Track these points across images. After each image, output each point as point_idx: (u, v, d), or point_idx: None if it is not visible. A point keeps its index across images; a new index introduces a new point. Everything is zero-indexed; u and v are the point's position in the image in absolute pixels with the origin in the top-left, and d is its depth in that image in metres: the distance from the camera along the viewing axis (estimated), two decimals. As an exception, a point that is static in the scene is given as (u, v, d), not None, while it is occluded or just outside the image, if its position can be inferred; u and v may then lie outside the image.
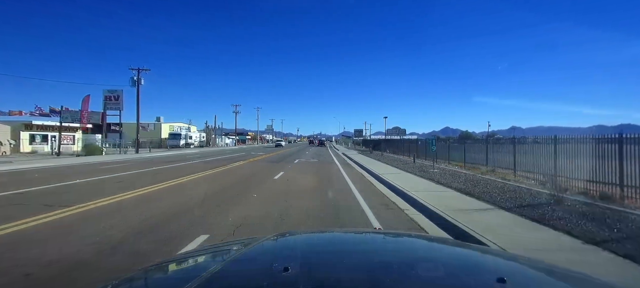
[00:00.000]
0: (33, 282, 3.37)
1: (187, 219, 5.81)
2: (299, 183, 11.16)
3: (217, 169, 15.55)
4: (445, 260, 1.34)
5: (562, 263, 1.60)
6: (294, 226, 5.51)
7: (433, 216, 6.02)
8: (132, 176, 12.93)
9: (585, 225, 4.86)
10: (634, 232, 4.56)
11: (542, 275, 1.25)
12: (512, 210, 6.05)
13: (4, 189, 9.07)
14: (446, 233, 5.10)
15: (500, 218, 5.56)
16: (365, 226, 5.57)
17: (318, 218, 6.07)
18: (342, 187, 10.33)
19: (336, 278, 1.07)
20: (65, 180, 11.39)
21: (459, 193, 8.15)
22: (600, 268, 3.33)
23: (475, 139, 23.59)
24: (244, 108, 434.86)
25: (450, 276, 1.10)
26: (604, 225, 4.84)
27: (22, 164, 17.30)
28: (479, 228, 4.80)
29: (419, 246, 1.70)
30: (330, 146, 66.22)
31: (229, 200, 8.02)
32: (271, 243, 1.54)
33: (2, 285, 3.35)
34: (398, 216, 6.40)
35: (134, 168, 15.70)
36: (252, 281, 1.10)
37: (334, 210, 6.83)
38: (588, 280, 1.19)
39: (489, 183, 9.89)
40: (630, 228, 4.76)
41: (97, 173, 13.38)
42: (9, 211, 6.39)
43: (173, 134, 51.70)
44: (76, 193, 8.69)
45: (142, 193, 8.60)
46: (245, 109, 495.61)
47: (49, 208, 6.48)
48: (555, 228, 4.74)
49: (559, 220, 5.11)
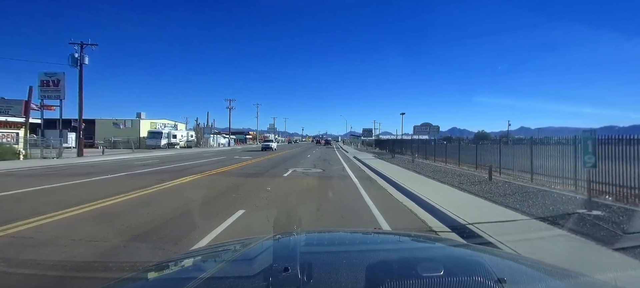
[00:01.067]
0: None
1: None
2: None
3: (119, 198, 8.01)
4: (445, 260, 1.31)
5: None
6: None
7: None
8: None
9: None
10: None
11: (542, 275, 1.25)
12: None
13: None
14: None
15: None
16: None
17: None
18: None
19: (336, 278, 1.05)
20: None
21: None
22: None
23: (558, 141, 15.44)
24: (245, 106, 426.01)
25: (450, 276, 1.07)
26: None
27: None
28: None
29: (419, 247, 1.70)
30: (337, 146, 58.39)
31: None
32: (271, 243, 1.51)
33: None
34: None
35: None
36: (252, 281, 1.10)
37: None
38: (588, 281, 1.21)
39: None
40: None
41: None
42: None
43: (153, 132, 43.99)
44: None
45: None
46: (246, 108, 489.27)
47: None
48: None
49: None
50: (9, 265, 3.75)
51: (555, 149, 9.78)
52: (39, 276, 3.50)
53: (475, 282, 1.06)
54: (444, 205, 6.48)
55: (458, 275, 1.13)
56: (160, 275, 1.34)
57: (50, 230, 5.01)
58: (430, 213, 6.43)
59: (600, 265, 3.55)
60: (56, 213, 5.99)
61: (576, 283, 1.18)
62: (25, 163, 17.73)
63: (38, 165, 16.30)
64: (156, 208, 6.68)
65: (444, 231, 5.28)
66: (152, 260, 3.76)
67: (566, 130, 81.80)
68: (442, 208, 6.30)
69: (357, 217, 6.20)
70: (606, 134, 8.05)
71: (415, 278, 1.04)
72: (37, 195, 8.10)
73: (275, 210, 6.70)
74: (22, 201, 7.29)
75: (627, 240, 4.30)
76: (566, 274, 1.26)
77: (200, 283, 1.02)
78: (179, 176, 12.12)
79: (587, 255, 3.82)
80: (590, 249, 4.02)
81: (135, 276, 1.32)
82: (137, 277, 1.31)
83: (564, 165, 9.14)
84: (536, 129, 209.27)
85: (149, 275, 1.33)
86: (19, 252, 4.14)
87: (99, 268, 3.68)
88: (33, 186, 9.48)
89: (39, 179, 11.10)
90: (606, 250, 3.93)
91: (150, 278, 1.30)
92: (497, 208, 6.53)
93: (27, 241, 4.50)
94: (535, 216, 5.75)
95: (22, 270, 3.63)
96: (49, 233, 4.83)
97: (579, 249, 4.03)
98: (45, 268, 3.69)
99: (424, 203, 7.19)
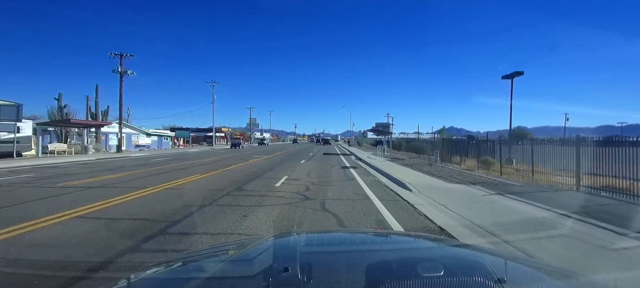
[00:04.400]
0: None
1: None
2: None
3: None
4: (445, 260, 1.29)
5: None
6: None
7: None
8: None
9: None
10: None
11: (542, 275, 1.24)
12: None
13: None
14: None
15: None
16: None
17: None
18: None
19: (336, 278, 1.05)
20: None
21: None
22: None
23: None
24: (230, 103, 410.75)
25: (450, 276, 1.06)
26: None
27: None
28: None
29: (419, 247, 1.69)
30: (341, 150, 41.28)
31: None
32: (271, 243, 1.52)
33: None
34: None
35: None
36: (252, 281, 1.10)
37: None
38: (588, 280, 1.22)
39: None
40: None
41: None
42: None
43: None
44: None
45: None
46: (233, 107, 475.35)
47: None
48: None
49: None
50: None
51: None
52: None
53: (475, 282, 1.06)
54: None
55: (458, 275, 1.12)
56: (160, 275, 1.34)
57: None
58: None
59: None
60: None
61: (576, 283, 1.18)
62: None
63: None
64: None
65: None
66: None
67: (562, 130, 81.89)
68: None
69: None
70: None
71: (415, 278, 1.04)
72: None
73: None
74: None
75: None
76: (566, 274, 1.25)
77: (200, 283, 1.02)
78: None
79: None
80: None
81: (135, 276, 1.33)
82: (136, 277, 1.32)
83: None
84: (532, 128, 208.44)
85: (149, 275, 1.33)
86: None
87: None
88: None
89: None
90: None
91: (150, 278, 1.30)
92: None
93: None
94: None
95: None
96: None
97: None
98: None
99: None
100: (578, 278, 1.21)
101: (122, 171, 13.26)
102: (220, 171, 13.75)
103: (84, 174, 12.36)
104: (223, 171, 13.77)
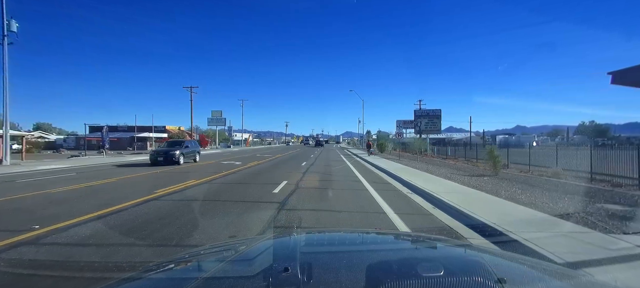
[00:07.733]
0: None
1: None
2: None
3: None
4: (445, 260, 1.31)
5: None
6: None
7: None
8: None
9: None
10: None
11: (542, 274, 1.24)
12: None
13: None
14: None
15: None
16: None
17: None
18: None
19: (336, 278, 1.05)
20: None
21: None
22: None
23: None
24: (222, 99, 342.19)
25: (450, 276, 1.06)
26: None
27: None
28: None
29: (419, 247, 1.69)
30: (343, 155, 30.35)
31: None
32: (271, 243, 1.52)
33: None
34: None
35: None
36: (252, 281, 1.09)
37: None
38: (588, 280, 1.20)
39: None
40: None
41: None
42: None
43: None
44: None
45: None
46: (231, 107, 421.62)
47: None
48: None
49: None
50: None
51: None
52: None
53: (475, 282, 1.06)
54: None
55: (458, 275, 1.13)
56: (160, 275, 1.34)
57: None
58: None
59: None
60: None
61: (576, 283, 1.18)
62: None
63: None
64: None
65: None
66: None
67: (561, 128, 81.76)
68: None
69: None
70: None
71: (415, 278, 1.04)
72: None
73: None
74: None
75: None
76: (566, 274, 1.25)
77: (200, 283, 1.02)
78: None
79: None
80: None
81: (134, 276, 1.33)
82: (136, 277, 1.32)
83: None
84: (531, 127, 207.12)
85: (149, 275, 1.33)
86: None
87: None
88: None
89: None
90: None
91: (150, 278, 1.30)
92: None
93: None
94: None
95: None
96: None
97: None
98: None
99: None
100: (578, 278, 1.21)
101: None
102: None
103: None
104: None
